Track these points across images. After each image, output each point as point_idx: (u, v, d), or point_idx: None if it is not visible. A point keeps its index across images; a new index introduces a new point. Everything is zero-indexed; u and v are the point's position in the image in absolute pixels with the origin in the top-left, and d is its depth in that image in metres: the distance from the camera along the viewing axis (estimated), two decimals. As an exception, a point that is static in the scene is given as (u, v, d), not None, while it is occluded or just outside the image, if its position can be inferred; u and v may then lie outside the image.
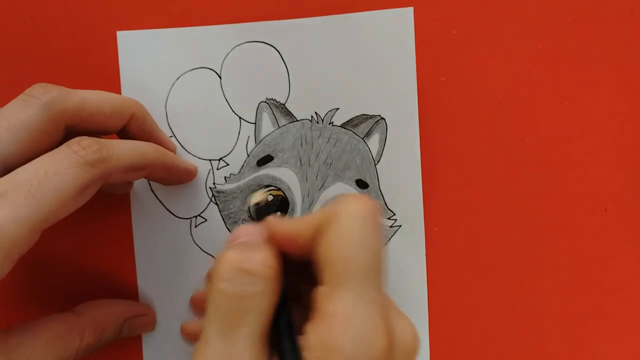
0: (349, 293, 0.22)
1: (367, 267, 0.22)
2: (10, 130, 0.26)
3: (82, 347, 0.30)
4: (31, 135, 0.27)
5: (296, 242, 0.24)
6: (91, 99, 0.28)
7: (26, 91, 0.28)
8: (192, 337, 0.32)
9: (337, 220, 0.23)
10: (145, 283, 0.35)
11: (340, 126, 0.34)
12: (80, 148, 0.26)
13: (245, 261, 0.22)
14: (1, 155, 0.26)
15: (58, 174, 0.25)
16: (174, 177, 0.33)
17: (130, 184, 0.34)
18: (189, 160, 0.34)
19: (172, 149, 0.34)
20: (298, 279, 0.25)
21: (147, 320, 0.34)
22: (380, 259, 0.23)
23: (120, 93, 0.34)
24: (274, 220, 0.25)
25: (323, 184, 0.34)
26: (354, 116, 0.34)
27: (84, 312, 0.31)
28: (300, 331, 0.22)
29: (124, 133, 0.31)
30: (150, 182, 0.34)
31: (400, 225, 0.34)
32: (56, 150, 0.26)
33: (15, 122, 0.27)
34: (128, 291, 0.35)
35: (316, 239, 0.23)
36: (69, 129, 0.28)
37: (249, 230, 0.25)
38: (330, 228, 0.23)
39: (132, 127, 0.31)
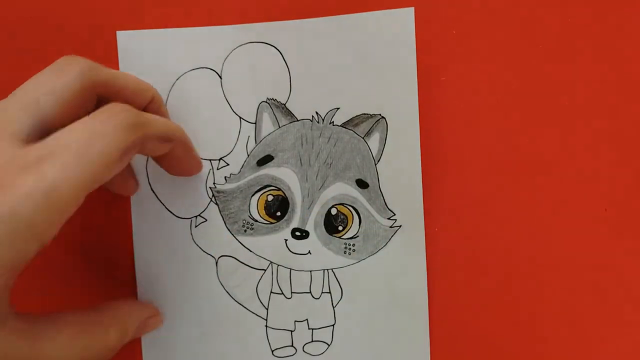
0: None
1: None
2: (53, 94, 0.26)
3: (109, 346, 0.29)
4: (71, 100, 0.27)
5: None
6: (118, 75, 0.29)
7: (56, 62, 0.28)
8: None
9: None
10: (145, 283, 0.35)
11: (340, 126, 0.34)
12: (121, 110, 0.26)
13: None
14: (44, 117, 0.26)
15: (105, 136, 0.25)
16: (187, 162, 0.32)
17: (136, 184, 0.34)
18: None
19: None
20: None
21: (156, 321, 0.34)
22: None
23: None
24: None
25: (323, 184, 0.34)
26: (354, 115, 0.34)
27: (106, 310, 0.30)
28: None
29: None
30: (150, 181, 0.34)
31: (400, 225, 0.34)
32: (96, 112, 0.26)
33: (56, 87, 0.27)
34: (128, 291, 0.35)
35: None
36: (99, 101, 0.28)
37: None
38: None
39: (151, 109, 0.31)
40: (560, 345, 0.34)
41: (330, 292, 0.34)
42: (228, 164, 0.34)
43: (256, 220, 0.34)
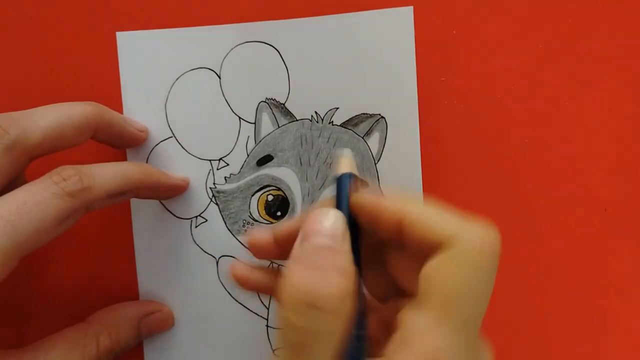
0: (452, 333, 0.20)
1: (478, 312, 0.21)
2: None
3: (101, 353, 0.30)
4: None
5: (377, 221, 0.23)
6: (51, 127, 0.28)
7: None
8: (243, 282, 0.28)
9: (460, 249, 0.21)
10: (146, 284, 0.35)
11: (340, 125, 0.34)
12: (61, 179, 0.26)
13: (314, 295, 0.20)
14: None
15: (38, 205, 0.25)
16: (162, 194, 0.33)
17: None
18: (189, 162, 0.34)
19: (143, 139, 0.33)
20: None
21: (162, 316, 0.34)
22: (487, 303, 0.21)
23: (120, 94, 0.34)
24: (361, 196, 0.24)
25: (323, 184, 0.34)
26: (354, 115, 0.34)
27: (95, 320, 0.32)
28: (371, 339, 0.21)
29: (95, 139, 0.31)
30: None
31: (400, 225, 0.34)
32: (37, 180, 0.26)
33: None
34: (128, 292, 0.35)
35: (405, 229, 0.22)
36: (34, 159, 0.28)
37: (332, 224, 0.22)
38: (450, 256, 0.21)
39: (100, 136, 0.31)
40: (560, 343, 0.34)
41: (330, 292, 0.34)
42: (228, 164, 0.34)
43: (256, 220, 0.34)
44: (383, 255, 0.25)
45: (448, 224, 0.22)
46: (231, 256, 0.34)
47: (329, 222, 0.22)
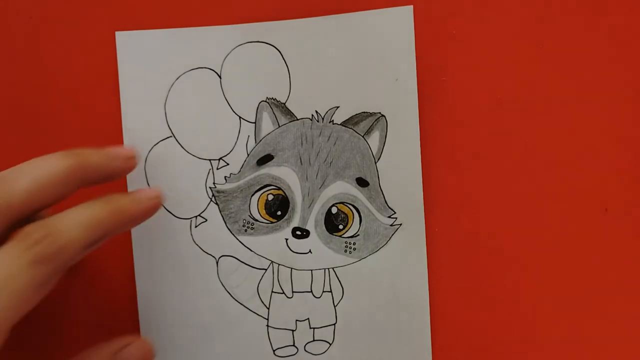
0: None
1: None
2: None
3: None
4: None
5: None
6: (33, 187, 0.26)
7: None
8: None
9: None
10: (145, 284, 0.35)
11: (340, 124, 0.34)
12: (33, 243, 0.24)
13: None
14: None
15: (15, 278, 0.24)
16: (135, 224, 0.30)
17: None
18: (189, 162, 0.34)
19: (132, 167, 0.31)
20: None
21: (137, 346, 0.30)
22: None
23: (118, 94, 0.34)
24: None
25: (323, 183, 0.34)
26: (354, 114, 0.34)
27: None
28: None
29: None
30: (149, 181, 0.34)
31: (400, 224, 0.34)
32: (6, 247, 0.25)
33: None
34: (127, 292, 0.35)
35: None
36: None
37: None
38: None
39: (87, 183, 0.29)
40: (560, 342, 0.34)
41: (331, 291, 0.34)
42: (228, 164, 0.34)
43: (256, 220, 0.34)
44: None
45: None
46: (231, 256, 0.34)
47: None
